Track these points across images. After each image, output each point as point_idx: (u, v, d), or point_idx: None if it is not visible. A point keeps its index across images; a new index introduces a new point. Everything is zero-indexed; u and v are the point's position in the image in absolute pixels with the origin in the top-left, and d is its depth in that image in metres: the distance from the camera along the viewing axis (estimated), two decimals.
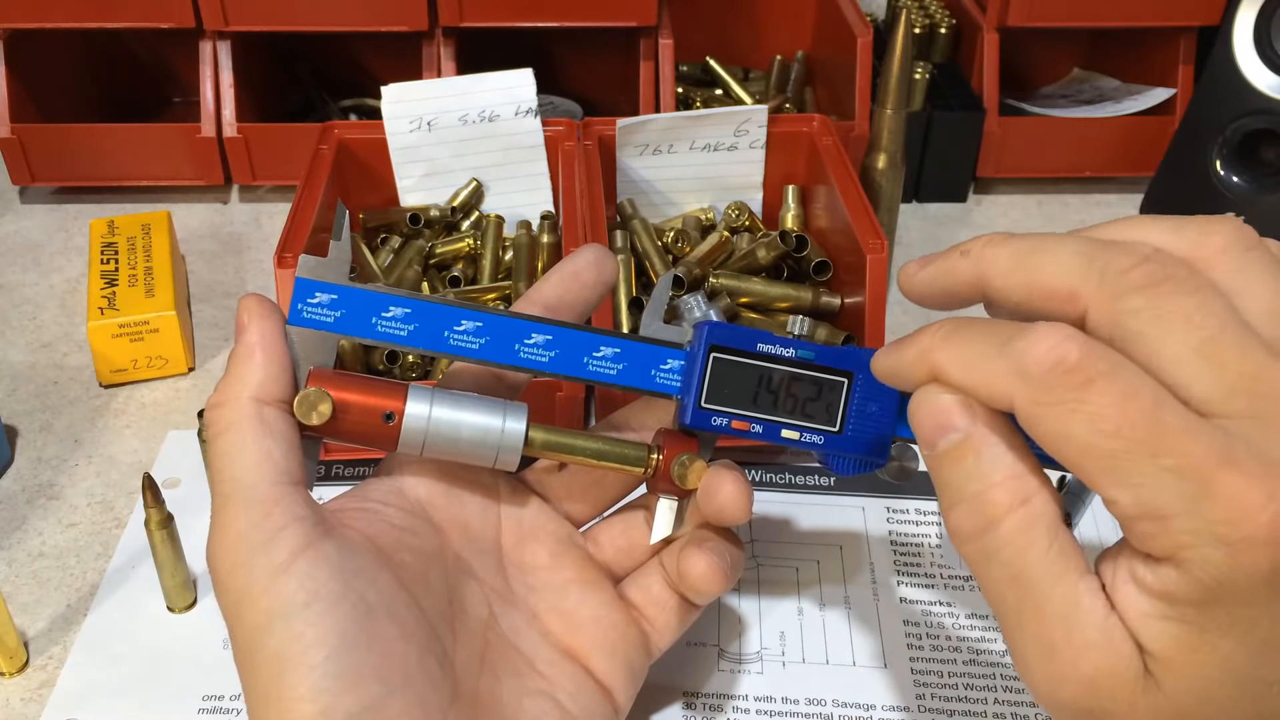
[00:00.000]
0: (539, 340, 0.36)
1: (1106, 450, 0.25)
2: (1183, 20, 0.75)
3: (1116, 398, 0.25)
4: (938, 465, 0.29)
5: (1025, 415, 0.27)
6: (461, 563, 0.38)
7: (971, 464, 0.28)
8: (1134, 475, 0.25)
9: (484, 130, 0.65)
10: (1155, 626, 0.26)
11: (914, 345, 0.30)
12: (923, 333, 0.30)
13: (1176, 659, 0.26)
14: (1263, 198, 0.69)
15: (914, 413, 0.30)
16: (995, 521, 0.28)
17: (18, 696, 0.45)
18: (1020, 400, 0.27)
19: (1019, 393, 0.27)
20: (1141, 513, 0.26)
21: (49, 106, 0.77)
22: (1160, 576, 0.26)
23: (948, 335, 0.29)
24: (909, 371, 0.30)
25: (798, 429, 0.37)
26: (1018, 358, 0.27)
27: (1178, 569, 0.26)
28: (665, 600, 0.40)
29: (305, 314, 0.36)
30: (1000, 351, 0.27)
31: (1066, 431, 0.26)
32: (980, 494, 0.28)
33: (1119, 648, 0.27)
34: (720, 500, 0.37)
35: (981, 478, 0.28)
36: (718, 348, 0.37)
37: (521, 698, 0.37)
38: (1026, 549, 0.28)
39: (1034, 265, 0.29)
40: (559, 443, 0.38)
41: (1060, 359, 0.26)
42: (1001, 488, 0.28)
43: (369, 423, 0.35)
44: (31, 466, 0.56)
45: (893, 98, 0.63)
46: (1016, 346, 0.27)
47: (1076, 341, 0.26)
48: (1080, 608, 0.27)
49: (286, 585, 0.32)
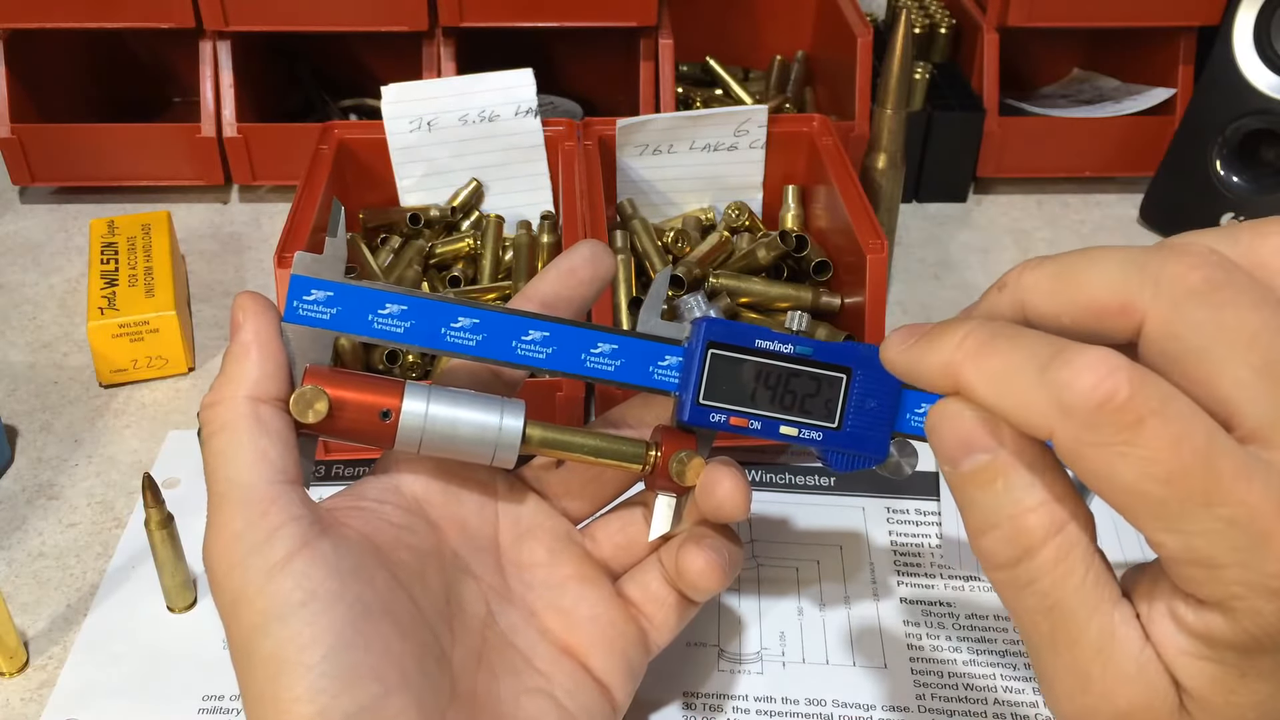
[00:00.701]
0: (536, 337, 0.36)
1: (1156, 496, 0.24)
2: (1183, 20, 0.75)
3: (1169, 441, 0.23)
4: (962, 486, 0.28)
5: (1066, 453, 0.25)
6: (459, 560, 0.38)
7: (1001, 489, 0.27)
8: (1186, 523, 0.24)
9: (484, 130, 0.65)
10: (1193, 665, 0.26)
11: (937, 352, 0.28)
12: (948, 336, 0.28)
13: (1213, 700, 0.25)
14: (1263, 198, 0.69)
15: (934, 427, 0.28)
16: (1031, 551, 0.26)
17: (18, 696, 0.45)
18: (1061, 437, 0.25)
19: (1060, 429, 0.25)
20: (1191, 559, 0.24)
21: (49, 106, 0.77)
22: (1204, 619, 0.25)
23: (978, 350, 0.27)
24: (929, 379, 0.28)
25: (796, 425, 0.37)
26: (1060, 390, 0.24)
27: (1224, 616, 0.24)
28: (663, 597, 0.40)
29: (301, 311, 0.35)
30: (1039, 378, 0.25)
31: (1113, 474, 0.24)
32: (1014, 520, 0.26)
33: (1155, 682, 0.26)
34: (719, 497, 0.37)
35: (1014, 503, 0.27)
36: (716, 344, 0.37)
37: (519, 696, 0.37)
38: (1064, 579, 0.26)
39: (1078, 282, 0.27)
40: (556, 440, 0.38)
41: (1109, 396, 0.24)
42: (1035, 514, 0.26)
43: (365, 420, 0.35)
44: (31, 466, 0.56)
45: (893, 98, 0.63)
46: (1060, 376, 0.24)
47: (1125, 374, 0.24)
48: (1116, 639, 0.26)
49: (283, 585, 0.32)
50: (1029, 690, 0.45)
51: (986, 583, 0.50)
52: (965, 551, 0.51)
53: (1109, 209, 0.78)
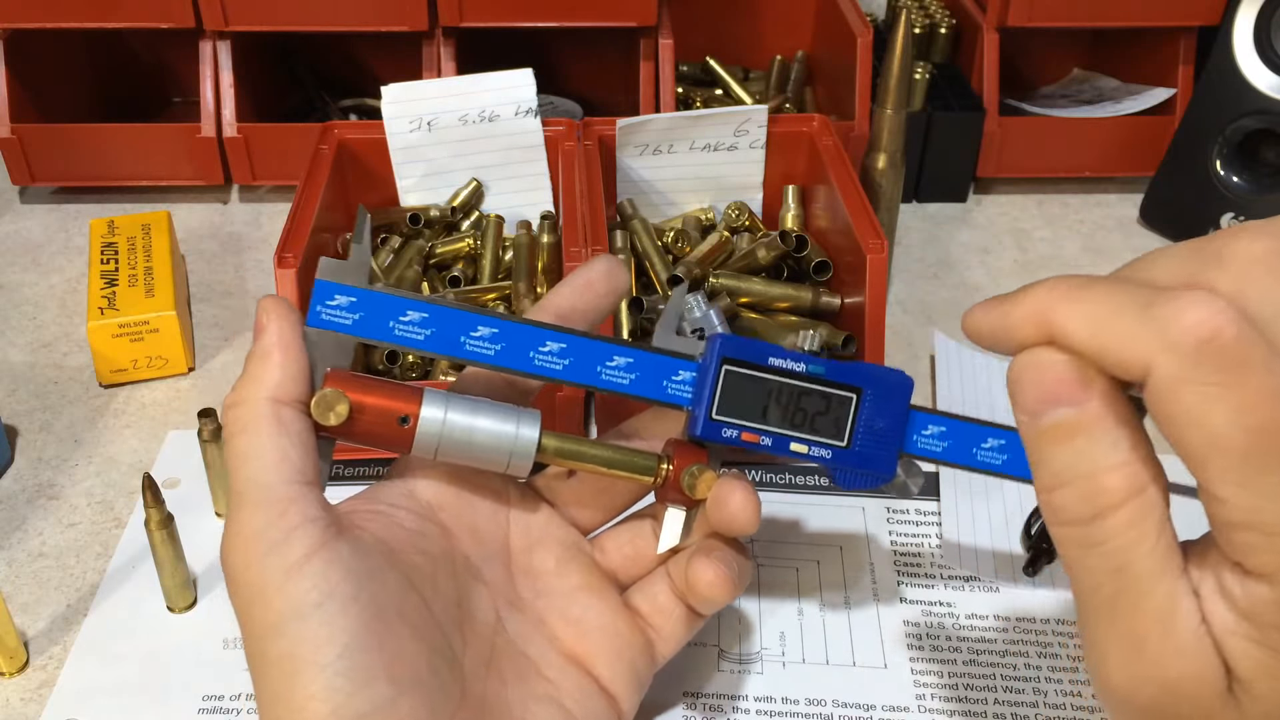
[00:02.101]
0: (553, 348, 0.37)
1: (1241, 446, 0.23)
2: (1183, 20, 0.75)
3: (1270, 391, 0.23)
4: (1038, 439, 0.27)
5: (1160, 389, 0.24)
6: (470, 566, 0.38)
7: (1084, 444, 0.26)
8: (1260, 480, 0.23)
9: (484, 130, 0.65)
10: (1240, 646, 0.25)
11: (1026, 301, 0.27)
12: (1035, 288, 0.27)
13: (1258, 683, 0.25)
14: (1263, 198, 0.69)
15: (1017, 377, 0.27)
16: (1106, 511, 0.26)
17: (18, 696, 0.45)
18: (1160, 371, 0.24)
19: (1161, 362, 0.24)
20: (1251, 521, 0.24)
21: (49, 106, 0.77)
22: (1250, 592, 0.25)
23: (1073, 290, 0.26)
24: (1016, 330, 0.27)
25: (806, 443, 0.38)
26: (1165, 323, 0.24)
27: (1272, 588, 0.24)
28: (671, 609, 0.40)
29: (324, 316, 0.36)
30: (1143, 314, 0.24)
31: (1205, 416, 0.24)
32: (1093, 478, 0.26)
33: (1209, 658, 0.26)
34: (730, 511, 0.37)
35: (1094, 460, 0.26)
36: (730, 360, 0.37)
37: (528, 702, 0.37)
38: (1136, 543, 0.26)
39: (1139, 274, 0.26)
40: (571, 450, 0.38)
41: (1216, 331, 0.23)
42: (1117, 473, 0.26)
43: (385, 425, 0.36)
44: (31, 466, 0.56)
45: (893, 98, 0.63)
46: (1165, 311, 0.24)
47: (1232, 315, 0.23)
48: (1179, 610, 0.26)
49: (300, 584, 0.32)
50: (1029, 690, 0.45)
51: (986, 583, 0.50)
52: (965, 552, 0.51)
53: (1109, 209, 0.78)
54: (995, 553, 0.51)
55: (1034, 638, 0.47)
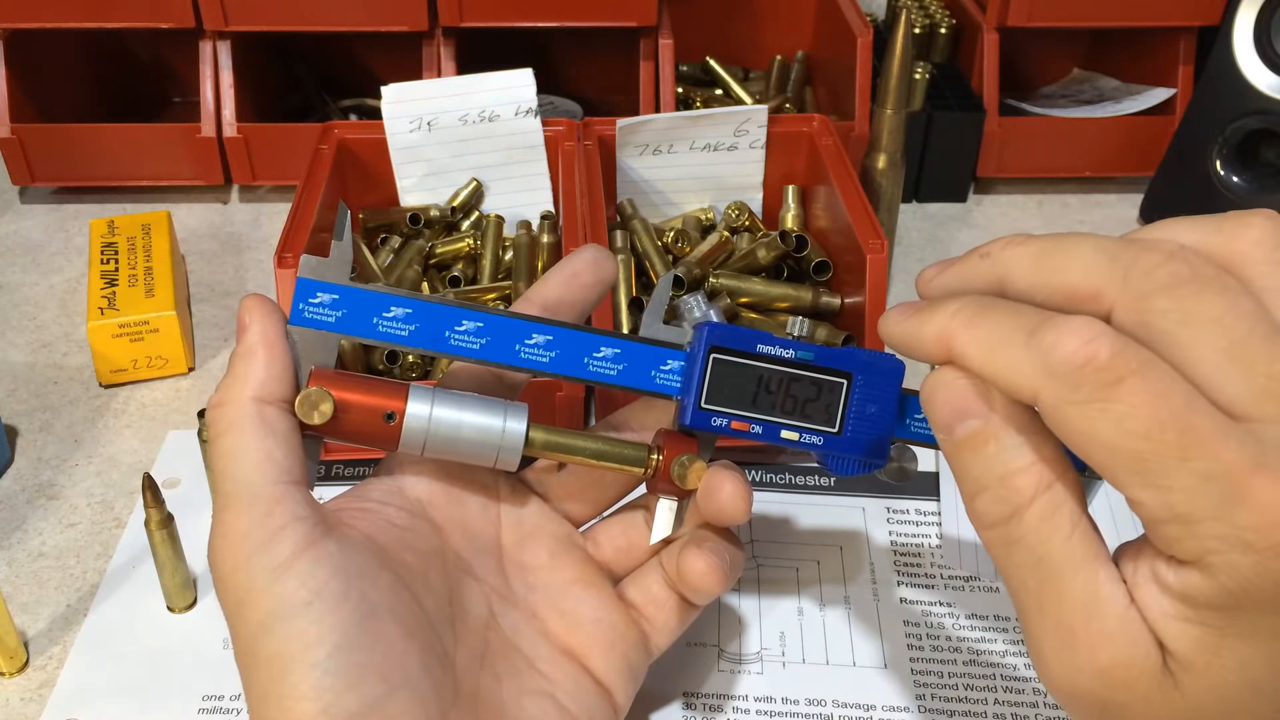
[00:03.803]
0: (539, 341, 0.36)
1: (1135, 452, 0.25)
2: (1183, 20, 0.75)
3: (1147, 397, 0.25)
4: (956, 452, 0.29)
5: (1050, 412, 0.26)
6: (461, 562, 0.38)
7: (993, 452, 0.28)
8: (1162, 478, 0.25)
9: (484, 130, 0.65)
10: (1175, 627, 0.26)
11: (932, 322, 0.29)
12: (941, 309, 0.29)
13: (1196, 661, 0.26)
14: (1263, 198, 0.69)
15: (929, 398, 0.29)
16: (1019, 509, 0.28)
17: (18, 696, 0.45)
18: (1045, 397, 0.26)
19: (1044, 389, 0.26)
20: (1168, 516, 0.25)
21: (49, 106, 0.77)
22: (1183, 579, 0.26)
23: (970, 319, 0.28)
24: (923, 348, 0.29)
25: (797, 430, 0.37)
26: (1045, 352, 0.26)
27: (1202, 573, 0.25)
28: (664, 600, 0.40)
29: (307, 314, 0.36)
30: (1026, 342, 0.26)
31: (1094, 431, 0.25)
32: (1004, 480, 0.28)
33: (1137, 640, 0.27)
34: (720, 500, 0.37)
35: (1003, 464, 0.28)
36: (718, 348, 0.37)
37: (521, 697, 0.37)
38: (1050, 535, 0.27)
39: (1056, 265, 0.28)
40: (559, 443, 0.38)
41: (1090, 356, 0.25)
42: (1024, 474, 0.28)
43: (370, 422, 0.36)
44: (31, 466, 0.56)
45: (893, 98, 0.63)
46: (1045, 340, 0.26)
47: (1108, 338, 0.25)
48: (1100, 597, 0.27)
49: (288, 584, 0.32)
50: (1029, 690, 0.45)
51: (987, 583, 0.50)
52: (965, 551, 0.51)
53: (1109, 209, 0.78)
54: None
55: None
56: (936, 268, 0.32)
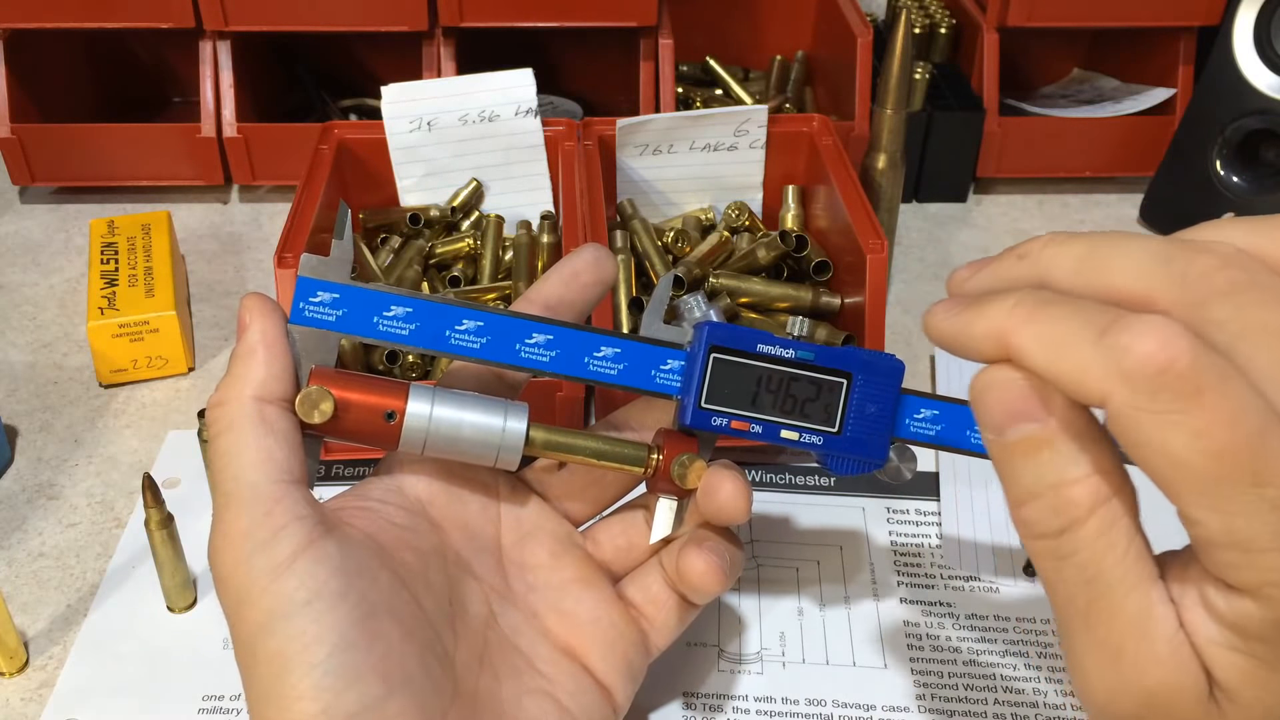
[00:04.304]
0: (540, 340, 0.36)
1: (1204, 470, 0.23)
2: (1183, 20, 0.75)
3: (1226, 416, 0.23)
4: (1006, 455, 0.27)
5: (1118, 418, 0.24)
6: (461, 561, 0.38)
7: (1048, 459, 0.26)
8: (1229, 502, 0.23)
9: (484, 130, 0.65)
10: (1224, 657, 0.25)
11: (986, 317, 0.27)
12: (996, 303, 0.27)
13: (1243, 692, 0.25)
14: (1263, 198, 0.69)
15: (980, 396, 0.27)
16: (1075, 523, 0.26)
17: (18, 696, 0.45)
18: (1117, 403, 0.24)
19: (1116, 393, 0.24)
20: (1228, 541, 0.24)
21: (49, 106, 0.77)
22: (1234, 607, 0.25)
23: (1030, 314, 0.26)
24: (976, 344, 0.27)
25: (797, 429, 0.37)
26: (1120, 353, 0.24)
27: (1257, 603, 0.24)
28: (664, 599, 0.40)
29: (307, 313, 0.36)
30: (1098, 342, 0.24)
31: (1164, 444, 0.24)
32: (1059, 490, 0.26)
33: (1186, 665, 0.26)
34: (720, 500, 0.37)
35: (1059, 473, 0.26)
36: (718, 348, 0.37)
37: (521, 696, 0.37)
38: (1105, 553, 0.26)
39: (1102, 267, 0.26)
40: (559, 442, 0.38)
41: (1170, 361, 0.23)
42: (1082, 486, 0.26)
43: (370, 421, 0.36)
44: (31, 466, 0.56)
45: (893, 98, 0.63)
46: (1120, 340, 0.24)
47: (1187, 342, 0.23)
48: (1153, 617, 0.26)
49: (288, 583, 0.32)
50: (1029, 690, 0.45)
51: (986, 583, 0.50)
52: (965, 551, 0.51)
53: (1109, 209, 0.78)
54: (995, 552, 0.51)
55: (1034, 638, 0.47)
56: (970, 268, 0.30)
